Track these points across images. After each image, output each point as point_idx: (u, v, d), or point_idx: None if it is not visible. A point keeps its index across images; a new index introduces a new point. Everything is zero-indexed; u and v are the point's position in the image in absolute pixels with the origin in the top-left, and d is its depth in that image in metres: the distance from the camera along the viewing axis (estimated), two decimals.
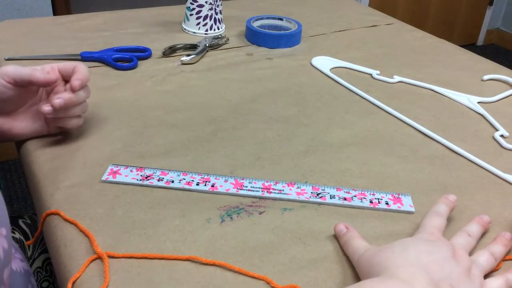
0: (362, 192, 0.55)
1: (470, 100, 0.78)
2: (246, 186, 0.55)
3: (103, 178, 0.54)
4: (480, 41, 3.30)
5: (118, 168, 0.56)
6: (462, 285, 0.41)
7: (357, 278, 0.45)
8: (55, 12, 1.78)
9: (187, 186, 0.54)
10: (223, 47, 0.91)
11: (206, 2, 0.91)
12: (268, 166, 0.59)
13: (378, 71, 0.85)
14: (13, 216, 0.72)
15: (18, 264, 0.50)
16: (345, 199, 0.54)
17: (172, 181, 0.54)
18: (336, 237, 0.49)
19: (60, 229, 0.48)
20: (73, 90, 0.56)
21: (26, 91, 0.58)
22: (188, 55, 0.84)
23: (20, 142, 0.61)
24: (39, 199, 0.53)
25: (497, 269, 0.47)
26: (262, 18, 0.98)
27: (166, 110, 0.69)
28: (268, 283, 0.43)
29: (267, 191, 0.54)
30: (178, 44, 0.87)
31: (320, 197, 0.54)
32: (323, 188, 0.56)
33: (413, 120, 0.71)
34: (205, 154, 0.60)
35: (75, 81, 0.56)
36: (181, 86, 0.76)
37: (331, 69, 0.85)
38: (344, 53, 0.91)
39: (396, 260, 0.42)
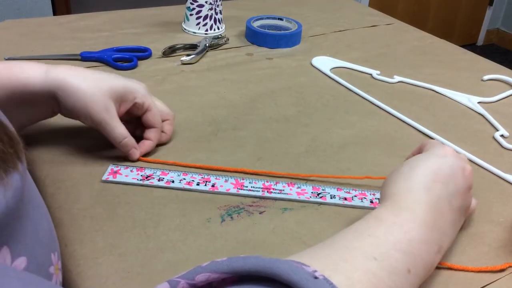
0: (363, 192, 0.55)
1: (470, 100, 0.78)
2: (247, 186, 0.55)
3: (104, 178, 0.54)
4: (480, 41, 3.30)
5: (119, 168, 0.56)
6: (465, 197, 0.46)
7: None
8: (55, 12, 1.78)
9: (187, 186, 0.54)
10: (223, 47, 0.91)
11: (206, 2, 0.91)
12: (268, 166, 0.59)
13: (378, 71, 0.85)
14: None
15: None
16: (345, 199, 0.54)
17: (173, 181, 0.54)
18: None
19: (60, 228, 0.48)
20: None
21: None
22: (188, 55, 0.84)
23: None
24: None
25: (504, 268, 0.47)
26: (262, 18, 0.98)
27: None
28: None
29: (267, 191, 0.54)
30: (178, 44, 0.87)
31: (321, 197, 0.54)
32: (324, 188, 0.56)
33: (413, 120, 0.71)
34: (205, 154, 0.60)
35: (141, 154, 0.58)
36: (181, 86, 0.76)
37: (331, 69, 0.85)
38: (344, 53, 0.91)
39: (400, 185, 0.44)
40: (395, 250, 0.37)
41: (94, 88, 0.53)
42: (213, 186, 0.54)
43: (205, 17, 0.93)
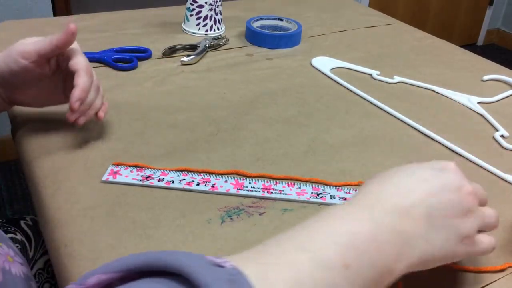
0: None
1: (470, 100, 0.78)
2: (246, 187, 0.55)
3: (104, 178, 0.54)
4: (480, 41, 3.30)
5: (119, 168, 0.56)
6: (456, 221, 0.37)
7: None
8: (55, 13, 1.78)
9: (187, 187, 0.54)
10: (223, 47, 0.91)
11: (206, 2, 0.91)
12: (268, 166, 0.59)
13: (378, 72, 0.85)
14: (14, 218, 0.72)
15: (18, 268, 0.50)
16: (345, 199, 0.54)
17: (172, 182, 0.54)
18: None
19: (60, 228, 0.48)
20: (72, 110, 0.54)
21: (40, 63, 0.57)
22: (188, 55, 0.84)
23: (19, 142, 0.61)
24: (39, 200, 0.53)
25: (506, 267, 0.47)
26: (262, 19, 0.98)
27: (166, 111, 0.69)
28: None
29: (267, 192, 0.54)
30: (178, 45, 0.87)
31: (321, 197, 0.54)
32: (324, 188, 0.56)
33: (413, 120, 0.71)
34: (205, 154, 0.60)
35: (74, 103, 0.54)
36: (181, 87, 0.76)
37: (331, 70, 0.85)
38: (344, 54, 0.92)
39: (371, 187, 0.38)
40: (334, 243, 0.33)
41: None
42: (213, 186, 0.54)
43: (205, 18, 0.93)
